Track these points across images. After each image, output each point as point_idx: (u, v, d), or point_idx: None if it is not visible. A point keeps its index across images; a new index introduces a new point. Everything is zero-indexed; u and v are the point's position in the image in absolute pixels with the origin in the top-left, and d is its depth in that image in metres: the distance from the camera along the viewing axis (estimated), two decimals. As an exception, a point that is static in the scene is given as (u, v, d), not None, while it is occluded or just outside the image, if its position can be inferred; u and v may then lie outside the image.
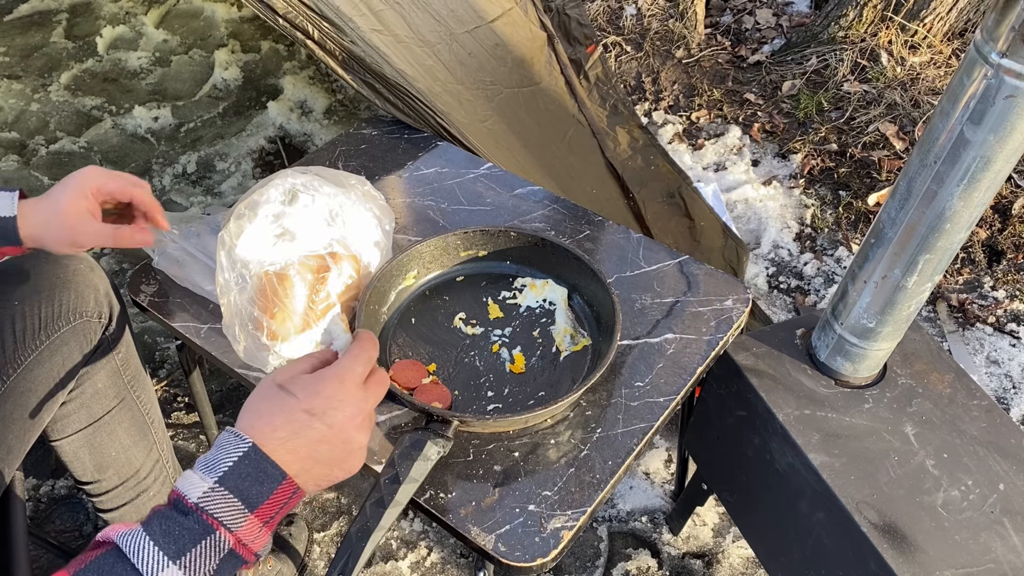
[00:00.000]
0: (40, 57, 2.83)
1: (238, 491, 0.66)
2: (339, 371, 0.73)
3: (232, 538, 0.65)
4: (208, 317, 1.15)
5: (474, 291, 1.19)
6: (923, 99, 2.50)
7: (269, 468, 0.67)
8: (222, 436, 0.69)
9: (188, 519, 0.64)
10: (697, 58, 2.79)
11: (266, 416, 0.70)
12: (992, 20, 0.79)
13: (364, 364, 0.75)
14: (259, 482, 0.67)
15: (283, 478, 0.68)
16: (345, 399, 0.72)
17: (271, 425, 0.69)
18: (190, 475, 0.67)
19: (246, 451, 0.67)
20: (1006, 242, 2.16)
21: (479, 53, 1.68)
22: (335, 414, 0.71)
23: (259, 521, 0.67)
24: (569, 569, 1.54)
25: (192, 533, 0.63)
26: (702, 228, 1.89)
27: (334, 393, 0.71)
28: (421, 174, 1.40)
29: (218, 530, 0.64)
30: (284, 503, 0.69)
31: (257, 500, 0.67)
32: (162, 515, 0.64)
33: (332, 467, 0.72)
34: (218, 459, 0.67)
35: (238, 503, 0.66)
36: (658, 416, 1.03)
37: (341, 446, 0.71)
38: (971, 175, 0.87)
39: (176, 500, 0.65)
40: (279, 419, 0.69)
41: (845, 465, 1.06)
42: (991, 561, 0.97)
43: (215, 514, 0.65)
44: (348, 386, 0.73)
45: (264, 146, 2.50)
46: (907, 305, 1.04)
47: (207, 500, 0.65)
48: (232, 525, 0.65)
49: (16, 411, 1.03)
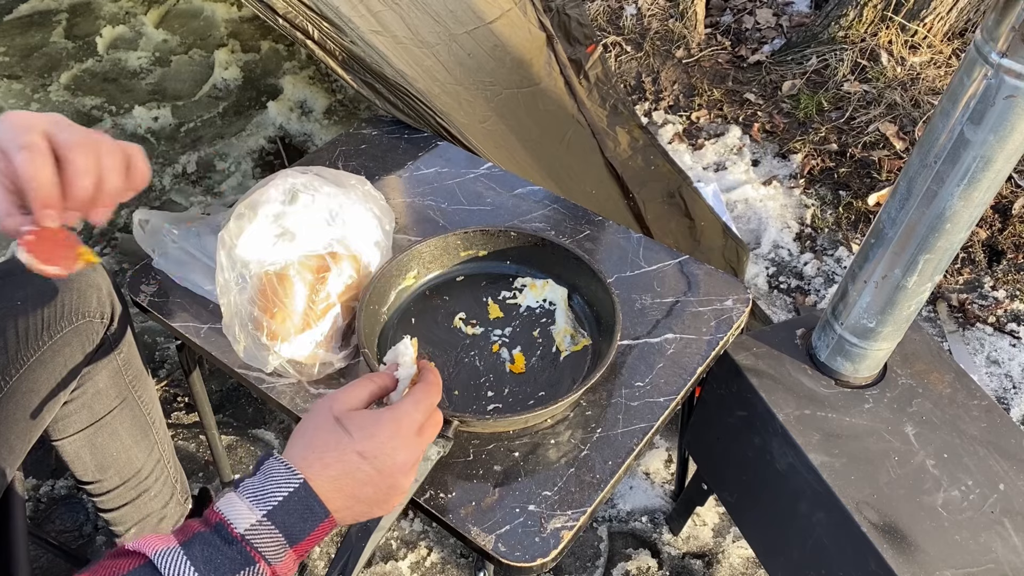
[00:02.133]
0: (40, 57, 2.83)
1: (284, 527, 0.66)
2: (398, 415, 0.73)
3: (270, 571, 0.65)
4: (208, 317, 1.15)
5: (474, 291, 1.19)
6: (923, 99, 2.50)
7: (316, 506, 0.67)
8: (272, 464, 0.68)
9: (231, 548, 0.63)
10: (697, 58, 2.79)
11: (319, 451, 0.69)
12: (992, 20, 0.79)
13: (424, 412, 0.75)
14: (303, 519, 0.67)
15: (326, 516, 0.68)
16: (399, 446, 0.71)
17: (322, 462, 0.69)
18: (236, 502, 0.66)
19: (297, 488, 0.67)
20: (1006, 242, 2.16)
21: (478, 54, 1.68)
22: (387, 460, 0.71)
23: (296, 555, 0.67)
24: (569, 569, 1.54)
25: (233, 563, 0.63)
26: (702, 228, 1.89)
27: (389, 439, 0.71)
28: (421, 174, 1.40)
29: (259, 563, 0.64)
30: (321, 538, 0.69)
31: (299, 536, 0.67)
32: (204, 539, 0.63)
33: (372, 506, 0.72)
34: (267, 490, 0.67)
35: (281, 538, 0.65)
36: (658, 416, 1.03)
37: (386, 490, 0.72)
38: (971, 175, 0.87)
39: (219, 525, 0.64)
40: (331, 456, 0.69)
41: (845, 465, 1.06)
42: (991, 561, 0.97)
43: (259, 548, 0.64)
44: (404, 432, 0.72)
45: (264, 146, 2.50)
46: (907, 305, 1.04)
47: (254, 533, 0.64)
48: (273, 559, 0.65)
49: (18, 411, 1.04)
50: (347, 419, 0.72)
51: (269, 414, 1.78)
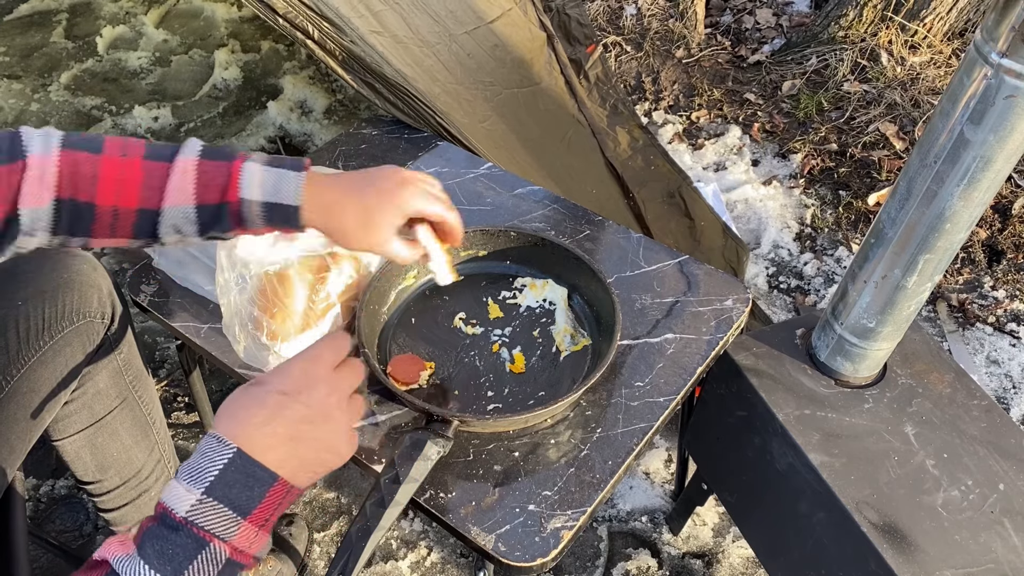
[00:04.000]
0: (40, 57, 2.83)
1: (227, 500, 0.64)
2: (306, 355, 0.73)
3: (227, 547, 0.64)
4: (208, 317, 1.15)
5: (474, 291, 1.19)
6: (923, 99, 2.50)
7: (257, 471, 0.66)
8: (204, 441, 0.67)
9: (179, 535, 0.62)
10: (697, 58, 2.79)
11: (242, 411, 0.68)
12: (992, 20, 0.79)
13: (332, 352, 0.74)
14: (248, 487, 0.65)
15: (274, 480, 0.66)
16: (317, 378, 0.71)
17: (248, 417, 0.67)
18: (175, 487, 0.65)
19: (231, 457, 0.65)
20: (1006, 242, 2.16)
21: (478, 54, 1.68)
22: (311, 392, 0.70)
23: (254, 526, 0.65)
24: (569, 569, 1.54)
25: (186, 550, 0.62)
26: (702, 228, 1.89)
27: (303, 373, 0.71)
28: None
29: (211, 542, 0.63)
30: (278, 504, 0.67)
31: (249, 506, 0.65)
32: (152, 533, 0.63)
33: (319, 451, 0.70)
34: (203, 467, 0.65)
35: (229, 512, 0.64)
36: (658, 416, 1.03)
37: (324, 425, 0.70)
38: (971, 175, 0.87)
39: (163, 515, 0.63)
40: (254, 408, 0.68)
41: (845, 465, 1.06)
42: (991, 561, 0.97)
43: (206, 527, 0.63)
44: (318, 368, 0.72)
45: (264, 146, 2.50)
46: (907, 305, 1.04)
47: (196, 513, 0.63)
48: (225, 535, 0.64)
49: (19, 411, 1.04)
50: (259, 379, 0.71)
51: (269, 414, 1.78)
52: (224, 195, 0.84)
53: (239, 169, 0.84)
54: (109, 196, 0.81)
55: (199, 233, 0.86)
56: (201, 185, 0.83)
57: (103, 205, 0.81)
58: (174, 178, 0.82)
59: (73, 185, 0.81)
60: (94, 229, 0.83)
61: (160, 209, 0.83)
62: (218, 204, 0.84)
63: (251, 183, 0.84)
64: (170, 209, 0.83)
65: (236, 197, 0.84)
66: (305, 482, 0.70)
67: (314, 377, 0.71)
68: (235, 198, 0.84)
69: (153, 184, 0.82)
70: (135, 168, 0.82)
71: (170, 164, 0.83)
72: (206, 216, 0.85)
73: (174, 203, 0.83)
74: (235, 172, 0.84)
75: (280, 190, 0.85)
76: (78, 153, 0.81)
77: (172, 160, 0.83)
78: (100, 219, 0.82)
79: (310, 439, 0.69)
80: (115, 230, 0.84)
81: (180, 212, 0.84)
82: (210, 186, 0.84)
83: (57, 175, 0.80)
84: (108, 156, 0.81)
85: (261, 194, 0.85)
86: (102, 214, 0.82)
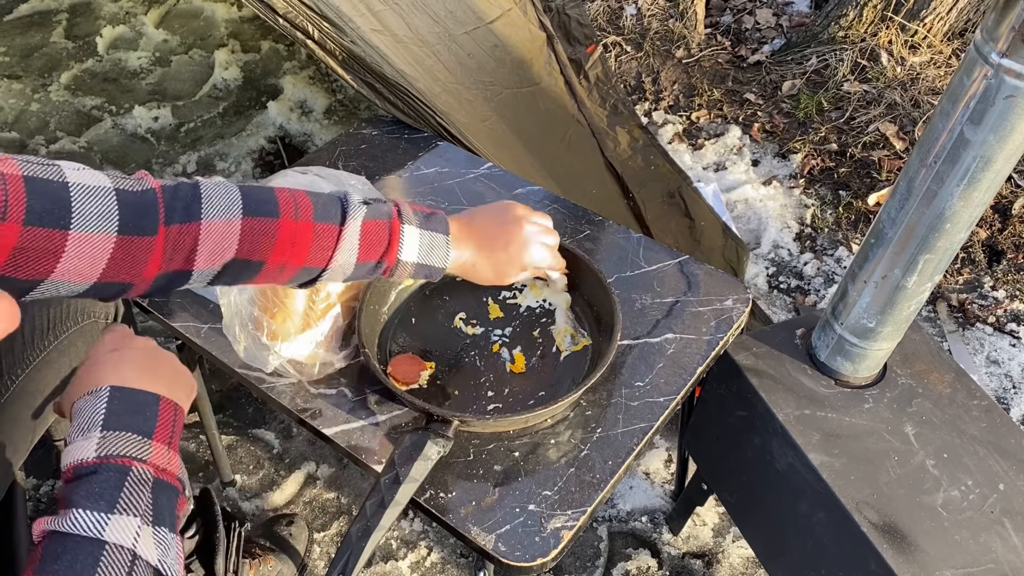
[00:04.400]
0: (40, 57, 2.83)
1: (127, 426, 0.69)
2: (108, 331, 0.83)
3: (149, 467, 0.67)
4: (208, 317, 1.15)
5: (474, 291, 1.19)
6: (923, 99, 2.50)
7: (138, 396, 0.72)
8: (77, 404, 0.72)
9: (99, 474, 0.65)
10: (697, 58, 2.79)
11: (92, 372, 0.74)
12: (992, 20, 0.79)
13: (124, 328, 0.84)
14: (139, 412, 0.71)
15: (157, 399, 0.73)
16: (131, 336, 0.82)
17: (99, 370, 0.74)
18: (73, 446, 0.68)
19: (108, 394, 0.71)
20: (1006, 242, 2.16)
21: (478, 54, 1.68)
22: (132, 342, 0.80)
23: (162, 444, 0.70)
24: (569, 569, 1.54)
25: (111, 482, 0.65)
26: (702, 228, 1.89)
27: (118, 338, 0.80)
28: (421, 174, 1.40)
29: (132, 465, 0.66)
30: (173, 421, 0.73)
31: (148, 427, 0.70)
32: (74, 488, 0.65)
33: (173, 372, 0.79)
34: (88, 417, 0.69)
35: (134, 436, 0.68)
36: (658, 416, 1.03)
37: (160, 357, 0.80)
38: (971, 175, 0.87)
39: (76, 469, 0.66)
40: (99, 365, 0.75)
41: (845, 465, 1.06)
42: (991, 561, 0.97)
43: (120, 453, 0.66)
44: (125, 332, 0.82)
45: (264, 146, 2.50)
46: (907, 305, 1.04)
47: (104, 447, 0.66)
48: (141, 455, 0.67)
49: (23, 411, 1.04)
50: (90, 355, 0.80)
51: (269, 414, 1.78)
52: (384, 255, 0.89)
53: (398, 232, 0.89)
54: (280, 256, 0.83)
55: (347, 280, 0.91)
56: (365, 247, 0.88)
57: (273, 264, 0.83)
58: (344, 242, 0.86)
59: (250, 250, 0.82)
60: (256, 279, 0.85)
61: (327, 268, 0.87)
62: (377, 262, 0.89)
63: (410, 247, 0.90)
64: (335, 267, 0.87)
65: (395, 259, 0.90)
66: (183, 399, 0.78)
67: (122, 336, 0.80)
68: (393, 260, 0.90)
69: (323, 246, 0.85)
70: (307, 231, 0.84)
71: (341, 228, 0.86)
72: (363, 270, 0.90)
73: (340, 262, 0.87)
74: (395, 235, 0.89)
75: (433, 253, 0.92)
76: (259, 220, 0.82)
77: (343, 224, 0.86)
78: (264, 274, 0.85)
79: (158, 365, 0.78)
80: (275, 279, 0.87)
81: (341, 268, 0.88)
82: (373, 247, 0.88)
83: (238, 244, 0.80)
84: (284, 220, 0.83)
85: (416, 256, 0.91)
86: (268, 270, 0.84)
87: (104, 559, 0.61)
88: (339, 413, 1.04)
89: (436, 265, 0.93)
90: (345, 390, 1.07)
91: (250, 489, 1.65)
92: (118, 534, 0.62)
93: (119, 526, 0.63)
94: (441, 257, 0.93)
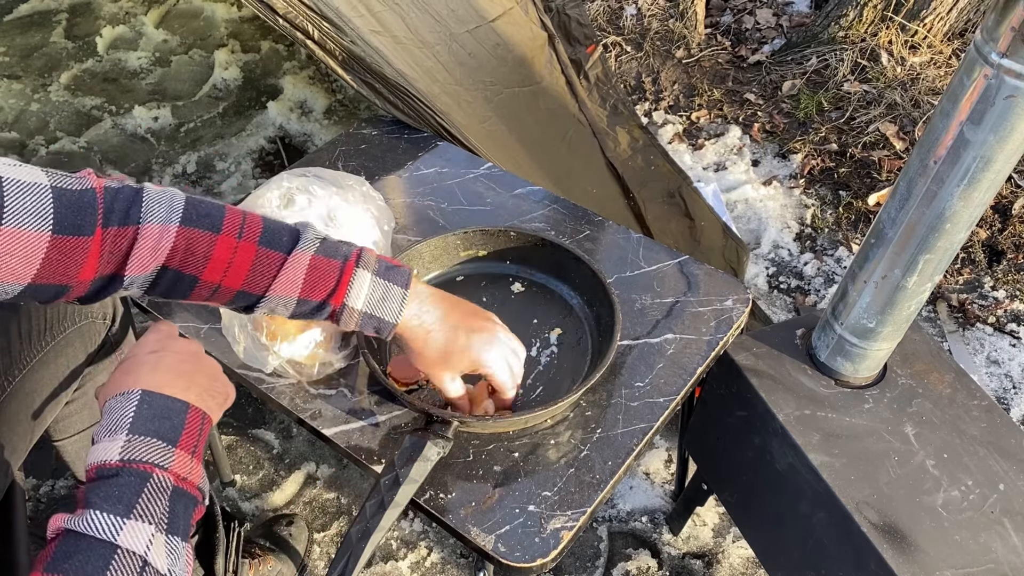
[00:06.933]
0: (40, 57, 2.83)
1: (152, 432, 0.69)
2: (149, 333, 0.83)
3: (170, 475, 0.67)
4: (208, 317, 1.15)
5: (474, 291, 1.19)
6: (923, 99, 2.50)
7: (168, 403, 0.71)
8: (106, 406, 0.72)
9: (120, 477, 0.65)
10: (697, 58, 2.79)
11: (127, 375, 0.75)
12: (992, 20, 0.79)
13: (167, 327, 0.84)
14: (167, 418, 0.70)
15: (186, 407, 0.72)
16: (170, 337, 0.82)
17: (135, 372, 0.74)
18: (99, 446, 0.68)
19: (139, 399, 0.70)
20: (1006, 242, 2.16)
21: (479, 53, 1.68)
22: (173, 344, 0.80)
23: (186, 453, 0.70)
24: (569, 569, 1.54)
25: (131, 486, 0.65)
26: (702, 228, 1.89)
27: (156, 340, 0.81)
28: (421, 174, 1.40)
29: (153, 472, 0.66)
30: (200, 431, 0.72)
31: (174, 434, 0.70)
32: (93, 488, 0.65)
33: (210, 379, 0.78)
34: (117, 419, 0.69)
35: (158, 442, 0.68)
36: (658, 416, 1.03)
37: (199, 361, 0.80)
38: (971, 175, 0.87)
39: (98, 470, 0.67)
40: (135, 368, 0.75)
41: (845, 465, 1.06)
42: (991, 561, 0.97)
43: (142, 459, 0.66)
44: (162, 335, 0.82)
45: (264, 146, 2.50)
46: (907, 305, 1.04)
47: (128, 452, 0.67)
48: (163, 463, 0.67)
49: (21, 411, 1.04)
50: (129, 354, 0.80)
51: (269, 414, 1.78)
52: (330, 297, 0.84)
53: (350, 275, 0.84)
54: (216, 274, 0.80)
55: (291, 316, 0.87)
56: (310, 283, 0.83)
57: (207, 280, 0.80)
58: (286, 272, 0.82)
59: (183, 260, 0.79)
60: (190, 295, 0.82)
61: (264, 296, 0.83)
62: (321, 302, 0.85)
63: (359, 294, 0.85)
64: (273, 297, 0.83)
65: (340, 303, 0.85)
66: (215, 409, 0.77)
67: (167, 336, 0.81)
68: (339, 303, 0.85)
69: (264, 271, 0.82)
70: (249, 252, 0.81)
71: (286, 257, 0.82)
72: (305, 307, 0.85)
73: (279, 293, 0.83)
74: (345, 278, 0.84)
75: (384, 306, 0.86)
76: (197, 232, 0.79)
77: (289, 253, 0.82)
78: (199, 291, 0.81)
79: (195, 372, 0.77)
80: (211, 299, 0.83)
81: (281, 300, 0.84)
82: (318, 286, 0.84)
83: (170, 250, 0.78)
84: (225, 236, 0.80)
85: (365, 305, 0.86)
86: (203, 287, 0.81)
87: (115, 563, 0.61)
88: (339, 413, 1.04)
89: (386, 319, 0.87)
90: (345, 390, 1.07)
91: (250, 489, 1.65)
92: (131, 539, 0.63)
93: (133, 532, 0.63)
94: (393, 311, 0.86)
